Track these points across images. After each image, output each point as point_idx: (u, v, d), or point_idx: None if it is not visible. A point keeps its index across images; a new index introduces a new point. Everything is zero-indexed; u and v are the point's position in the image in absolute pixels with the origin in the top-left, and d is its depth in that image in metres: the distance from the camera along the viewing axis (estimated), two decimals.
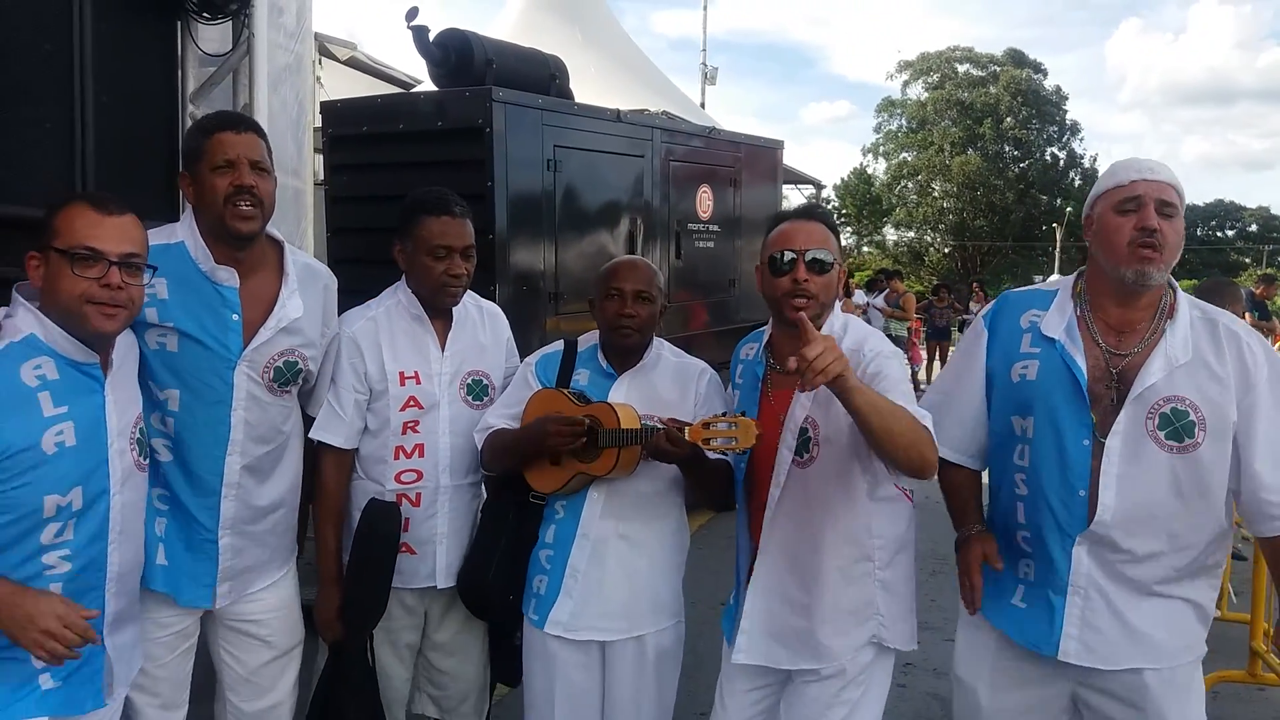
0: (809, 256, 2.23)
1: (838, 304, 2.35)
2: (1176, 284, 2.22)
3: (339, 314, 2.62)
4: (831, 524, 2.24)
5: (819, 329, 2.24)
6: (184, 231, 2.31)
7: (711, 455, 2.35)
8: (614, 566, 2.47)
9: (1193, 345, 2.12)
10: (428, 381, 2.61)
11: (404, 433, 2.58)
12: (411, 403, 2.59)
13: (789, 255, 2.24)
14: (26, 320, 1.92)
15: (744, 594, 2.39)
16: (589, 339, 2.64)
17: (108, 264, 1.92)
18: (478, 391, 2.68)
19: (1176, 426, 2.09)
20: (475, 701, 2.79)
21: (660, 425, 2.30)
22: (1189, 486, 2.11)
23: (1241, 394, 2.09)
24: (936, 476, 2.30)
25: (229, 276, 2.30)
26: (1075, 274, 2.32)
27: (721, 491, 2.47)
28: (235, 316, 2.30)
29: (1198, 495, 2.12)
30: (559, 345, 2.66)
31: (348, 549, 2.60)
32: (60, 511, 1.89)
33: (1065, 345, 2.19)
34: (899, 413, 2.00)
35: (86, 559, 1.95)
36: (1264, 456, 2.08)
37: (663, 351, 2.62)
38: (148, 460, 2.15)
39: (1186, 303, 2.19)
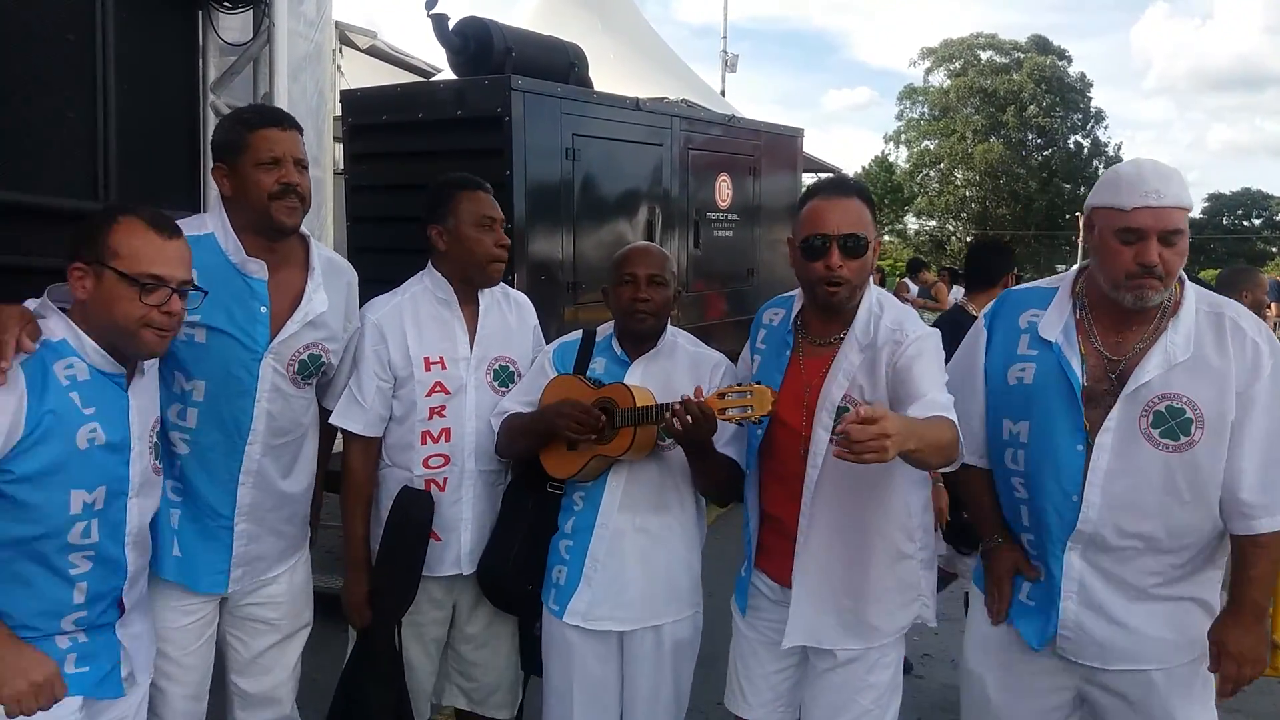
0: (844, 240, 2.19)
1: (871, 281, 2.31)
2: (1185, 277, 2.13)
3: (360, 302, 2.62)
4: (876, 505, 2.23)
5: (853, 309, 2.25)
6: (214, 223, 2.31)
7: (726, 431, 2.35)
8: (632, 558, 2.47)
9: (1195, 341, 2.05)
10: (454, 366, 2.60)
11: (430, 418, 2.58)
12: (438, 388, 2.58)
13: (822, 239, 2.20)
14: (58, 326, 1.95)
15: (755, 566, 2.43)
16: (607, 328, 2.63)
17: (169, 291, 1.95)
18: (504, 378, 2.68)
19: (1172, 424, 2.03)
20: (505, 694, 2.79)
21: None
22: (1184, 484, 2.04)
23: (1242, 388, 2.02)
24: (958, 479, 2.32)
25: (259, 269, 2.30)
26: (1076, 270, 2.25)
27: (728, 482, 2.47)
28: (264, 309, 2.31)
29: (1193, 493, 2.05)
30: (577, 334, 2.66)
31: (373, 535, 2.61)
32: (85, 510, 1.92)
33: (1062, 348, 2.13)
34: (939, 432, 1.95)
35: (106, 560, 1.99)
36: (1251, 454, 2.02)
37: (679, 339, 2.61)
38: (163, 465, 2.17)
39: (1194, 297, 2.10)
